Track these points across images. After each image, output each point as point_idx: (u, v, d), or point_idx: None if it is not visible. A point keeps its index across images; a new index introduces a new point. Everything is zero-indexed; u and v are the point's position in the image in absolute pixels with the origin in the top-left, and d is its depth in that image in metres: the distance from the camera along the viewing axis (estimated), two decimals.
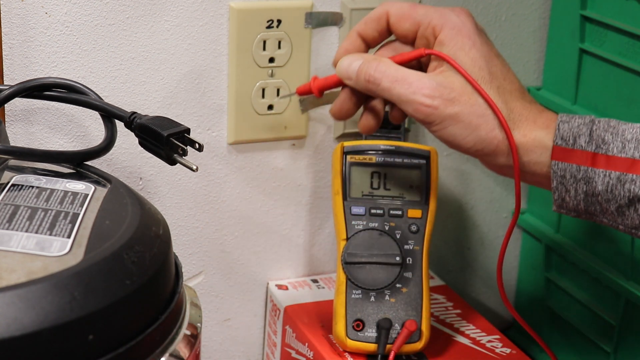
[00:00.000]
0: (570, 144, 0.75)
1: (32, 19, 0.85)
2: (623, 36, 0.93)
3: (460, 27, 0.79)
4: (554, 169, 0.75)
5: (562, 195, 0.75)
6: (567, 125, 0.75)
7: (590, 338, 1.00)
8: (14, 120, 0.88)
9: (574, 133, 0.75)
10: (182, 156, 0.75)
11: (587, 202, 0.75)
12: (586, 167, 0.74)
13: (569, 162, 0.74)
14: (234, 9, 0.92)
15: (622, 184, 0.73)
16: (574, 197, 0.75)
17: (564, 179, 0.75)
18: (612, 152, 0.73)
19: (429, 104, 0.76)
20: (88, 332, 0.56)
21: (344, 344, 0.88)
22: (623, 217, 0.74)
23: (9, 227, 0.62)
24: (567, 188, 0.75)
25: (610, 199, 0.73)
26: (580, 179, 0.74)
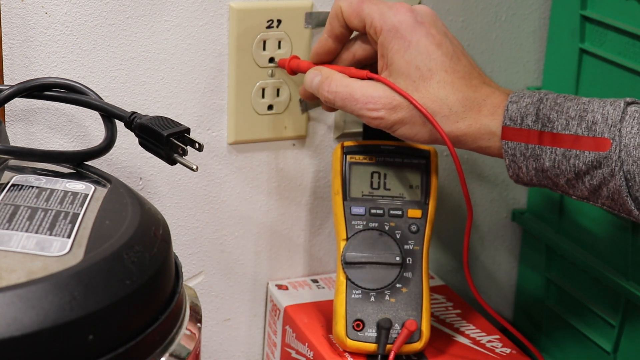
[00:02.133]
0: (518, 124, 0.79)
1: (32, 19, 0.85)
2: (623, 36, 0.93)
3: (397, 28, 0.82)
4: (504, 148, 0.80)
5: (516, 172, 0.80)
6: (516, 105, 0.79)
7: (590, 338, 1.00)
8: (14, 120, 0.88)
9: (522, 113, 0.79)
10: (182, 156, 0.75)
11: (538, 177, 0.80)
12: (533, 145, 0.78)
13: (517, 141, 0.79)
14: (234, 9, 0.92)
15: (567, 159, 0.77)
16: (526, 174, 0.80)
17: (514, 157, 0.79)
18: (557, 130, 0.78)
19: (375, 116, 0.82)
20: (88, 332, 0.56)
21: (344, 344, 0.88)
22: (574, 189, 0.78)
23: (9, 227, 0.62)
24: (519, 165, 0.80)
25: (558, 174, 0.78)
26: (529, 157, 0.79)
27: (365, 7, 0.83)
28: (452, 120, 0.81)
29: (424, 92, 0.81)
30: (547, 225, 1.07)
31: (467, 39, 1.03)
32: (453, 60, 0.82)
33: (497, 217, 1.12)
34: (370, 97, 0.82)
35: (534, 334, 1.10)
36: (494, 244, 1.13)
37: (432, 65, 0.81)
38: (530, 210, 1.11)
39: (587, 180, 0.77)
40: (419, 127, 0.82)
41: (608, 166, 0.75)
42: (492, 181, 1.11)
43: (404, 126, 0.82)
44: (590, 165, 0.76)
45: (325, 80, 0.85)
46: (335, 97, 0.84)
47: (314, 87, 0.86)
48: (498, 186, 1.11)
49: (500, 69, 1.06)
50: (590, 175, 0.76)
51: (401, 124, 0.82)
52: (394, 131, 0.83)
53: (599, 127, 0.76)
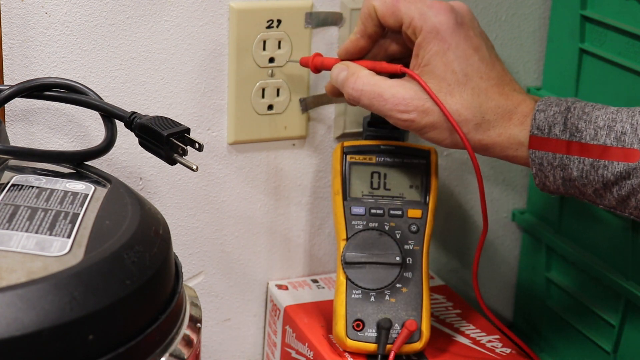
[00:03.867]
0: (545, 133, 0.79)
1: (32, 19, 0.85)
2: (623, 36, 0.93)
3: (438, 29, 0.80)
4: (532, 157, 0.79)
5: (542, 180, 0.80)
6: (543, 114, 0.79)
7: (590, 338, 1.00)
8: (14, 120, 0.88)
9: (549, 122, 0.79)
10: (182, 156, 0.75)
11: (565, 187, 0.79)
12: (561, 155, 0.78)
13: (545, 150, 0.79)
14: (234, 9, 0.92)
15: (596, 169, 0.77)
16: (552, 182, 0.79)
17: (542, 166, 0.79)
18: (585, 140, 0.77)
19: (406, 119, 0.81)
20: (88, 332, 0.56)
21: (344, 344, 0.88)
22: (601, 198, 0.78)
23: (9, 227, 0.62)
24: (546, 174, 0.79)
25: (586, 184, 0.78)
26: (556, 166, 0.78)
27: (402, 7, 0.81)
28: (484, 128, 0.80)
29: (458, 98, 0.80)
30: (547, 225, 1.07)
31: None
32: (488, 66, 0.81)
33: (497, 217, 1.12)
34: (402, 98, 0.81)
35: (534, 334, 1.10)
36: (494, 244, 1.13)
37: (468, 70, 0.80)
38: (530, 210, 1.11)
39: (615, 190, 0.76)
40: (447, 133, 0.81)
41: (637, 177, 0.75)
42: (492, 181, 1.11)
43: (434, 130, 0.81)
44: (619, 176, 0.75)
45: (351, 77, 0.83)
46: (362, 95, 0.82)
47: (339, 82, 0.84)
48: (498, 186, 1.11)
49: None
50: (619, 185, 0.76)
51: (432, 127, 0.81)
52: (423, 134, 0.82)
53: (628, 137, 0.75)
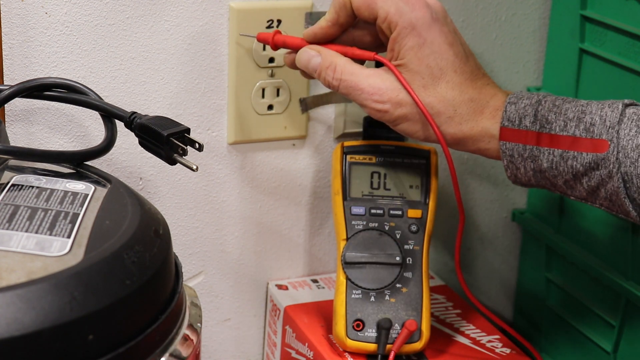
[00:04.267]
0: (516, 125, 0.79)
1: (32, 19, 0.85)
2: (623, 36, 0.93)
3: (414, 25, 0.80)
4: (502, 149, 0.80)
5: (514, 172, 0.81)
6: (514, 107, 0.80)
7: (590, 338, 1.00)
8: (14, 120, 0.88)
9: (520, 114, 0.79)
10: (182, 156, 0.75)
11: (537, 178, 0.80)
12: (531, 146, 0.79)
13: (515, 142, 0.79)
14: (234, 9, 0.92)
15: (565, 160, 0.77)
16: (524, 174, 0.80)
17: (512, 158, 0.80)
18: (555, 131, 0.78)
19: (380, 109, 0.82)
20: (88, 332, 0.56)
21: (344, 344, 0.88)
22: (572, 190, 0.79)
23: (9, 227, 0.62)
24: (517, 166, 0.80)
25: (556, 174, 0.78)
26: (527, 158, 0.79)
27: (379, 1, 0.81)
28: (456, 122, 0.81)
29: (432, 91, 0.81)
30: (547, 225, 1.07)
31: (467, 39, 1.03)
32: (462, 60, 0.82)
33: (497, 217, 1.12)
34: (377, 88, 0.81)
35: (534, 334, 1.10)
36: (494, 244, 1.13)
37: (443, 64, 0.81)
38: (530, 210, 1.11)
39: (585, 181, 0.77)
40: (420, 125, 0.82)
41: (606, 167, 0.75)
42: (492, 181, 1.11)
43: (406, 122, 0.82)
44: (588, 166, 0.76)
45: (330, 66, 0.83)
46: (340, 84, 0.82)
47: (311, 67, 0.84)
48: (498, 186, 1.11)
49: (500, 69, 1.06)
50: (588, 176, 0.77)
51: (404, 119, 0.82)
52: (395, 125, 0.83)
53: (597, 128, 0.76)
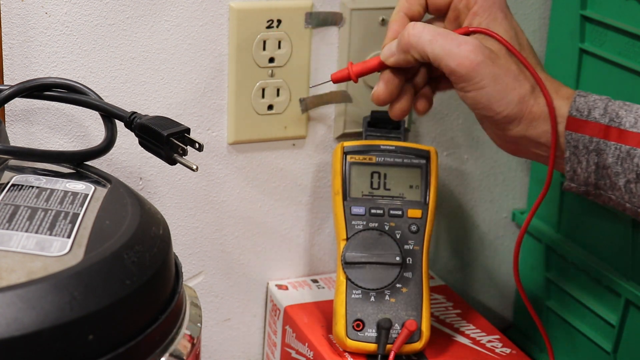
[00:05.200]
0: (584, 116, 0.77)
1: (32, 19, 0.85)
2: (623, 36, 0.93)
3: (493, 0, 0.80)
4: (567, 139, 0.77)
5: (574, 167, 0.78)
6: (584, 99, 0.78)
7: (590, 338, 1.00)
8: (14, 120, 0.88)
9: (589, 106, 0.77)
10: (182, 156, 0.75)
11: (597, 175, 0.77)
12: (598, 139, 0.76)
13: (582, 133, 0.77)
14: (234, 9, 0.92)
15: (632, 158, 0.75)
16: (585, 169, 0.77)
17: (576, 150, 0.77)
18: (625, 126, 0.75)
19: (473, 59, 0.77)
20: (88, 332, 0.56)
21: (344, 344, 0.88)
22: (630, 194, 0.75)
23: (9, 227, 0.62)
24: (579, 159, 0.77)
25: (619, 172, 0.75)
26: (592, 150, 0.76)
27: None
28: (536, 94, 0.78)
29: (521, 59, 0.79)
30: (547, 225, 1.07)
31: None
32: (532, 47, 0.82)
33: (497, 217, 1.12)
34: (470, 39, 0.78)
35: (534, 334, 1.10)
36: (494, 244, 1.13)
37: (521, 42, 0.80)
38: None
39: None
40: (506, 92, 0.77)
41: None
42: (492, 181, 1.11)
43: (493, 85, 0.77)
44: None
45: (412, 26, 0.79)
46: (424, 30, 0.78)
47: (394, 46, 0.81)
48: (498, 186, 1.11)
49: None
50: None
51: (492, 80, 0.77)
52: (479, 88, 0.77)
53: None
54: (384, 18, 0.97)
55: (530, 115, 0.78)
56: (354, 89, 0.99)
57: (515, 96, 0.78)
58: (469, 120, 1.07)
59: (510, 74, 0.78)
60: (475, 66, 0.77)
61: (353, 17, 0.96)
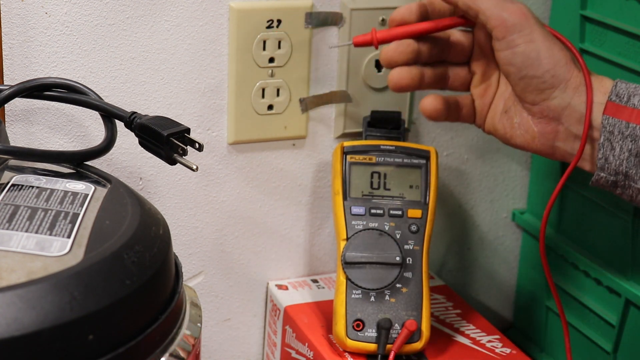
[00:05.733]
0: (624, 101, 0.76)
1: (32, 19, 0.85)
2: (623, 36, 0.93)
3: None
4: (604, 124, 0.76)
5: (606, 154, 0.77)
6: (625, 85, 0.77)
7: (590, 338, 1.00)
8: (14, 120, 0.88)
9: (630, 92, 0.77)
10: (182, 156, 0.75)
11: (629, 163, 0.76)
12: (635, 125, 0.75)
13: (619, 118, 0.76)
14: (234, 9, 0.92)
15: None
16: (618, 156, 0.76)
17: (612, 135, 0.76)
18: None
19: (525, 11, 0.78)
20: (88, 332, 0.56)
21: (344, 344, 0.88)
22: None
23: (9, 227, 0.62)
24: (613, 145, 0.76)
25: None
26: (627, 136, 0.76)
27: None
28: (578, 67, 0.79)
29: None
30: (547, 225, 1.07)
31: None
32: None
33: (497, 217, 1.12)
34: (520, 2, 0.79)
35: (534, 334, 1.10)
36: (493, 244, 1.13)
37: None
38: (530, 210, 1.11)
39: None
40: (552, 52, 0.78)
41: None
42: (492, 181, 1.11)
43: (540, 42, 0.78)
44: None
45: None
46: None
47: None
48: (498, 186, 1.11)
49: None
50: None
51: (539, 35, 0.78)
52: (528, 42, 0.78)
53: None
54: (384, 18, 0.97)
55: (576, 81, 0.78)
56: (354, 89, 0.99)
57: (563, 57, 0.78)
58: None
59: (554, 38, 0.79)
60: (527, 17, 0.78)
61: (353, 17, 0.96)
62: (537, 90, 0.79)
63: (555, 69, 0.78)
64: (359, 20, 0.97)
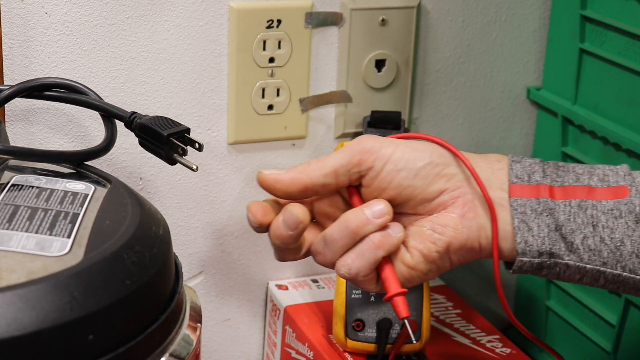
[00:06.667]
0: (525, 181, 0.72)
1: (32, 19, 0.85)
2: (623, 36, 0.93)
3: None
4: (513, 207, 0.71)
5: (524, 237, 0.70)
6: (520, 164, 0.73)
7: (590, 338, 1.00)
8: (14, 120, 0.88)
9: (528, 171, 0.72)
10: (182, 156, 0.75)
11: (551, 240, 0.70)
12: (546, 199, 0.70)
13: (527, 197, 0.71)
14: (234, 9, 0.92)
15: (584, 210, 0.70)
16: (537, 235, 0.70)
17: (525, 216, 0.70)
18: (568, 183, 0.71)
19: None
20: (88, 332, 0.56)
21: (344, 344, 0.88)
22: (590, 252, 0.70)
23: (9, 227, 0.62)
24: (530, 226, 0.70)
25: (574, 229, 0.70)
26: (541, 212, 0.70)
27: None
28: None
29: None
30: None
31: (467, 39, 1.03)
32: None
33: None
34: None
35: (534, 334, 1.10)
36: None
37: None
38: None
39: (607, 234, 0.69)
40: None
41: (631, 212, 0.69)
42: None
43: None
44: (610, 214, 0.69)
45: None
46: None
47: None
48: None
49: (500, 69, 1.06)
50: (611, 228, 0.69)
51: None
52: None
53: (612, 178, 0.71)
54: (384, 18, 0.97)
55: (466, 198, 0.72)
56: (354, 89, 0.99)
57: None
58: (469, 120, 1.07)
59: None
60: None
61: (353, 17, 0.96)
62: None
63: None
64: (359, 20, 0.97)
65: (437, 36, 1.02)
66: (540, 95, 1.06)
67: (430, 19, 1.01)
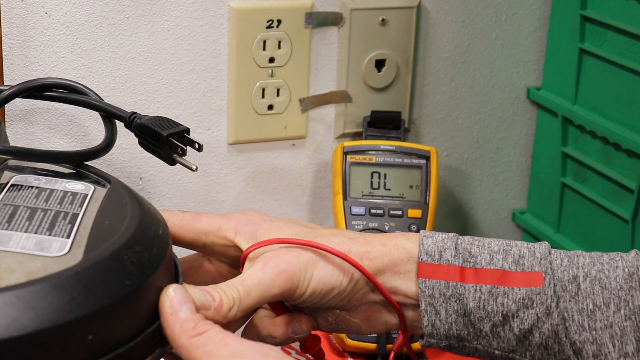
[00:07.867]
0: (436, 260, 0.67)
1: (32, 19, 0.85)
2: (623, 36, 0.93)
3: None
4: (421, 288, 0.67)
5: (432, 320, 0.67)
6: (431, 239, 0.68)
7: None
8: (14, 120, 0.88)
9: (439, 248, 0.68)
10: (182, 156, 0.75)
11: (459, 325, 0.67)
12: (455, 283, 0.67)
13: (436, 279, 0.67)
14: (234, 9, 0.92)
15: (495, 298, 0.66)
16: (444, 320, 0.67)
17: (432, 299, 0.67)
18: (481, 265, 0.67)
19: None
20: (87, 332, 0.56)
21: (344, 344, 0.88)
22: (499, 339, 0.67)
23: (8, 227, 0.62)
24: (437, 309, 0.67)
25: (483, 317, 0.66)
26: (450, 297, 0.67)
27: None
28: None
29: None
30: (547, 225, 1.07)
31: (467, 39, 1.03)
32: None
33: (497, 217, 1.12)
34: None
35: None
36: None
37: (306, 224, 0.70)
38: (530, 210, 1.11)
39: (516, 324, 0.66)
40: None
41: (542, 304, 0.65)
42: (492, 181, 1.11)
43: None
44: (521, 303, 0.66)
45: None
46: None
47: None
48: (498, 186, 1.11)
49: (500, 69, 1.06)
50: (521, 317, 0.66)
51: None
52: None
53: (527, 260, 0.67)
54: (384, 18, 0.97)
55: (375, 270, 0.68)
56: (354, 89, 0.99)
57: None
58: (469, 120, 1.07)
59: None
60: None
61: (353, 17, 0.96)
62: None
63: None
64: (359, 20, 0.97)
65: (437, 36, 1.02)
66: (540, 95, 1.06)
67: (430, 18, 1.01)
